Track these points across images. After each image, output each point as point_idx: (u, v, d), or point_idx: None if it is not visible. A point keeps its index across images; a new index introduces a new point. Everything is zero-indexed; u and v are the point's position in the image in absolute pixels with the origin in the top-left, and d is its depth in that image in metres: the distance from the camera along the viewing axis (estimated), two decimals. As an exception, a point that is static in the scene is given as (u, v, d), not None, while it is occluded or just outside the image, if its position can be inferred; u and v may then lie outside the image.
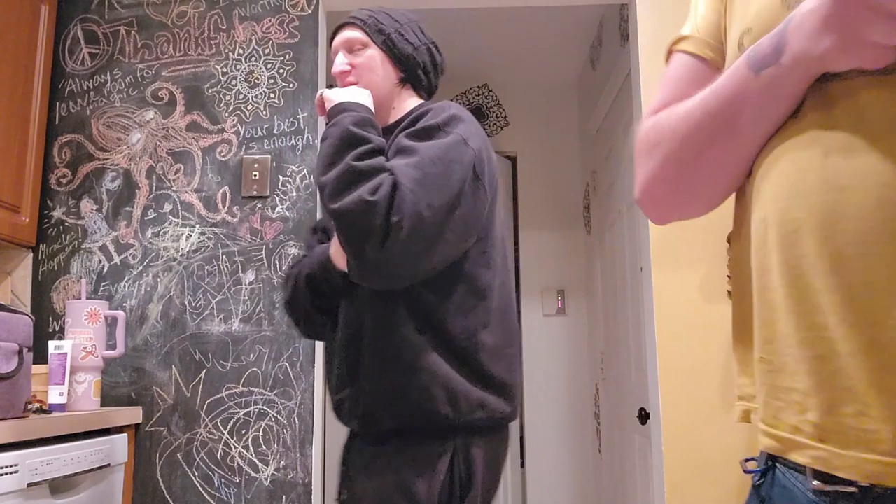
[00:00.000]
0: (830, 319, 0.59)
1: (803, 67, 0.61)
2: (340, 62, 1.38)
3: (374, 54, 1.40)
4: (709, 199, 0.79)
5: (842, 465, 0.59)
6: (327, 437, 3.45)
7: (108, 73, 2.35)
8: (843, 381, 0.59)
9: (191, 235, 2.24)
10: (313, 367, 2.16)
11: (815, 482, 0.61)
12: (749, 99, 0.66)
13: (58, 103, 2.34)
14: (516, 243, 3.79)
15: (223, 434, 2.12)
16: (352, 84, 1.36)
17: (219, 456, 2.11)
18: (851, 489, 0.59)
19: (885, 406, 0.56)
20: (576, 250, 3.70)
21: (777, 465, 0.69)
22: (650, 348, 2.18)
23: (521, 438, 3.66)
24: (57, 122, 2.33)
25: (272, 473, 2.10)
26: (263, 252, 2.22)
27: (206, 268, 2.22)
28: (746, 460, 0.74)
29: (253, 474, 2.10)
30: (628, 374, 2.70)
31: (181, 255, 2.23)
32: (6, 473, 1.46)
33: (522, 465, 3.64)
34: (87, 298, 2.11)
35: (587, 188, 3.58)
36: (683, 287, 2.10)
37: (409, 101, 1.45)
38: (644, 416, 2.35)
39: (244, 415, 2.13)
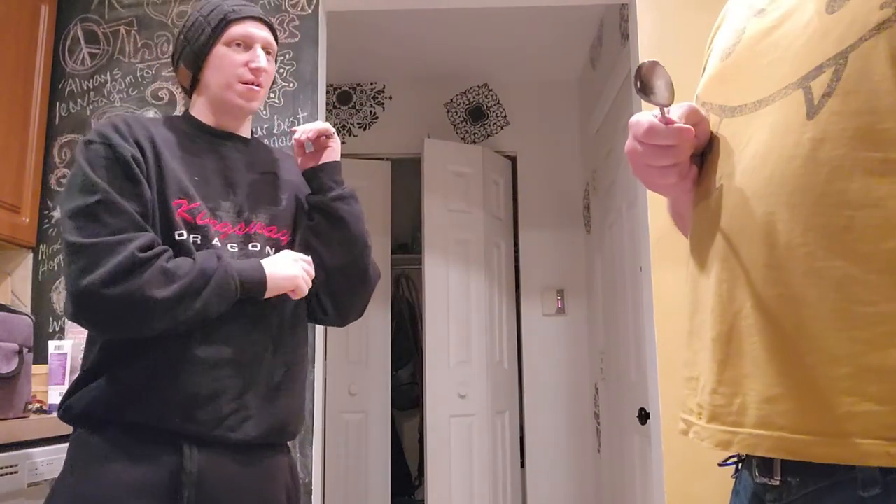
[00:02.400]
0: (707, 315, 0.73)
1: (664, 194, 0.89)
2: (264, 59, 1.34)
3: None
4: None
5: (706, 437, 0.69)
6: (327, 437, 3.45)
7: (109, 73, 2.35)
8: (708, 364, 0.71)
9: (191, 235, 2.24)
10: (313, 367, 2.16)
11: (731, 460, 0.77)
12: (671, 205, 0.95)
13: (58, 103, 2.34)
14: (516, 243, 3.79)
15: (223, 434, 2.12)
16: (259, 87, 1.34)
17: (219, 456, 2.11)
18: (734, 460, 0.76)
19: (728, 384, 0.68)
20: (576, 250, 3.70)
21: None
22: (650, 348, 2.18)
23: (522, 438, 3.66)
24: (57, 122, 2.33)
25: (272, 473, 2.10)
26: (263, 252, 2.22)
27: (206, 268, 2.22)
28: (725, 460, 0.79)
29: (253, 474, 2.10)
30: (628, 374, 2.70)
31: (181, 255, 2.23)
32: (6, 473, 1.46)
33: (522, 465, 3.64)
34: (87, 298, 2.11)
35: (587, 188, 3.58)
36: (683, 287, 2.10)
37: None
38: (644, 416, 2.35)
39: (244, 415, 2.13)
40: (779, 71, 0.70)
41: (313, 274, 1.28)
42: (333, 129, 1.38)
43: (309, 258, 1.29)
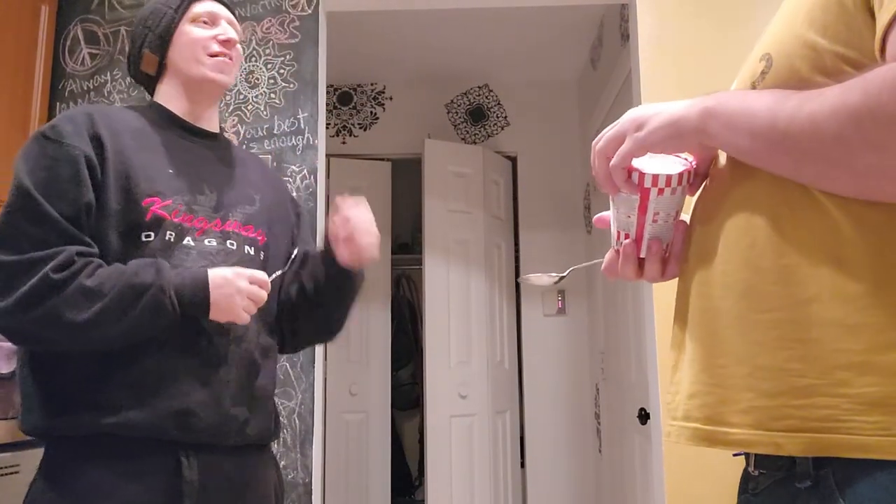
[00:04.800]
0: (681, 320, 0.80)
1: None
2: (232, 32, 1.30)
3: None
4: None
5: (668, 432, 0.78)
6: (327, 437, 3.45)
7: (109, 74, 2.35)
8: (675, 367, 0.79)
9: (191, 235, 2.24)
10: (313, 367, 2.16)
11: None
12: None
13: (58, 103, 2.34)
14: (516, 243, 3.79)
15: (223, 434, 2.12)
16: (229, 64, 1.29)
17: (219, 456, 2.11)
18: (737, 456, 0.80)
19: (675, 384, 0.77)
20: (576, 250, 3.70)
21: None
22: (650, 348, 2.18)
23: (522, 438, 3.66)
24: (57, 122, 2.33)
25: (272, 473, 2.10)
26: (263, 252, 2.22)
27: (207, 268, 2.22)
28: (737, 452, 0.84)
29: (253, 474, 2.10)
30: (628, 374, 2.70)
31: (181, 255, 2.23)
32: (7, 473, 1.46)
33: (522, 465, 3.64)
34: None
35: (587, 188, 3.58)
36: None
37: None
38: (644, 416, 2.35)
39: (244, 415, 2.13)
40: None
41: (264, 299, 1.18)
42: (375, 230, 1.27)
43: (264, 280, 1.18)
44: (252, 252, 1.26)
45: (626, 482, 2.76)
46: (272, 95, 2.31)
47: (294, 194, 2.24)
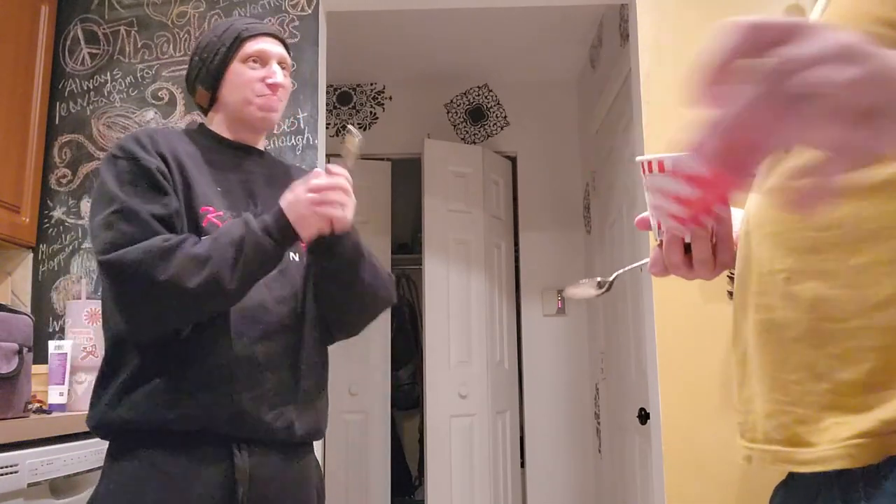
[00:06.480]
0: (732, 339, 0.75)
1: None
2: (280, 75, 1.37)
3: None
4: None
5: (741, 453, 0.72)
6: (327, 437, 3.45)
7: (109, 73, 2.35)
8: (734, 385, 0.74)
9: (191, 235, 2.24)
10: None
11: None
12: None
13: (58, 103, 2.34)
14: (516, 243, 3.79)
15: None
16: (277, 103, 1.37)
17: (219, 456, 2.11)
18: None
19: (745, 402, 0.71)
20: (576, 250, 3.70)
21: None
22: (650, 348, 2.18)
23: (522, 438, 3.66)
24: (57, 122, 2.33)
25: (272, 473, 2.10)
26: (263, 252, 2.22)
27: (207, 268, 2.22)
28: None
29: (253, 474, 2.10)
30: (628, 374, 2.70)
31: (181, 255, 2.23)
32: (6, 473, 1.46)
33: (522, 465, 3.64)
34: (87, 298, 2.11)
35: (587, 188, 3.58)
36: (683, 287, 2.10)
37: None
38: (644, 416, 2.35)
39: (244, 415, 2.13)
40: None
41: (334, 188, 1.22)
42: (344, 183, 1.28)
43: (318, 174, 1.23)
44: (297, 258, 1.33)
45: (626, 482, 2.77)
46: (272, 95, 2.31)
47: (294, 194, 2.25)
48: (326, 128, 3.71)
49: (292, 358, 1.27)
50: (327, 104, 3.52)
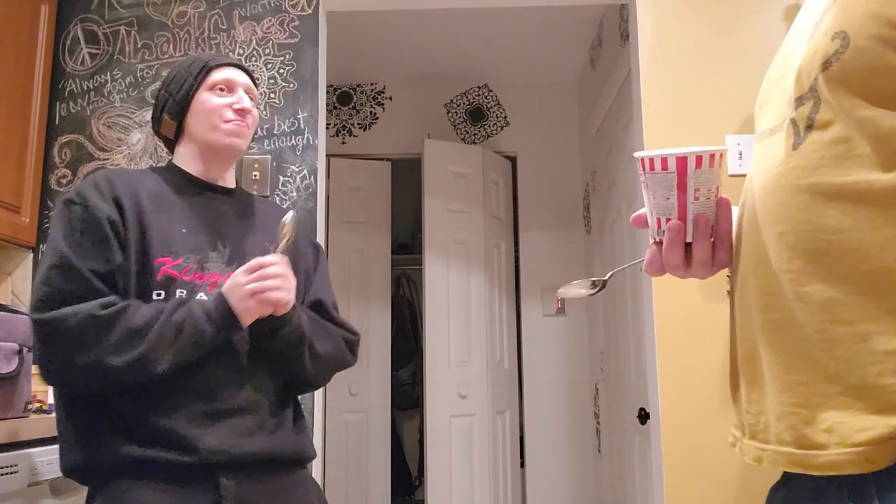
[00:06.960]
0: (737, 337, 0.76)
1: None
2: (248, 101, 1.36)
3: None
4: None
5: (746, 453, 0.73)
6: (327, 437, 3.45)
7: (109, 73, 2.35)
8: (741, 384, 0.75)
9: (191, 235, 2.24)
10: (313, 367, 2.16)
11: None
12: None
13: (58, 103, 2.34)
14: (516, 243, 3.79)
15: (223, 434, 2.12)
16: (245, 129, 1.36)
17: (219, 456, 2.11)
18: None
19: (756, 403, 0.71)
20: (576, 250, 3.70)
21: None
22: (650, 348, 2.18)
23: (522, 438, 3.66)
24: (57, 122, 2.33)
25: (272, 473, 2.10)
26: (263, 252, 2.22)
27: (206, 268, 2.22)
28: None
29: (253, 474, 2.10)
30: (628, 374, 2.70)
31: (181, 255, 2.23)
32: (6, 473, 1.46)
33: (522, 465, 3.64)
34: (88, 298, 2.11)
35: (587, 188, 3.58)
36: (683, 287, 2.10)
37: None
38: (644, 416, 2.35)
39: (244, 415, 2.13)
40: (784, 97, 0.70)
41: (271, 275, 1.20)
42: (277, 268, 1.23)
43: (257, 262, 1.21)
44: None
45: (626, 482, 2.77)
46: (272, 95, 2.31)
47: (294, 194, 2.25)
48: (326, 128, 3.72)
49: (266, 396, 1.27)
50: (327, 104, 3.52)
